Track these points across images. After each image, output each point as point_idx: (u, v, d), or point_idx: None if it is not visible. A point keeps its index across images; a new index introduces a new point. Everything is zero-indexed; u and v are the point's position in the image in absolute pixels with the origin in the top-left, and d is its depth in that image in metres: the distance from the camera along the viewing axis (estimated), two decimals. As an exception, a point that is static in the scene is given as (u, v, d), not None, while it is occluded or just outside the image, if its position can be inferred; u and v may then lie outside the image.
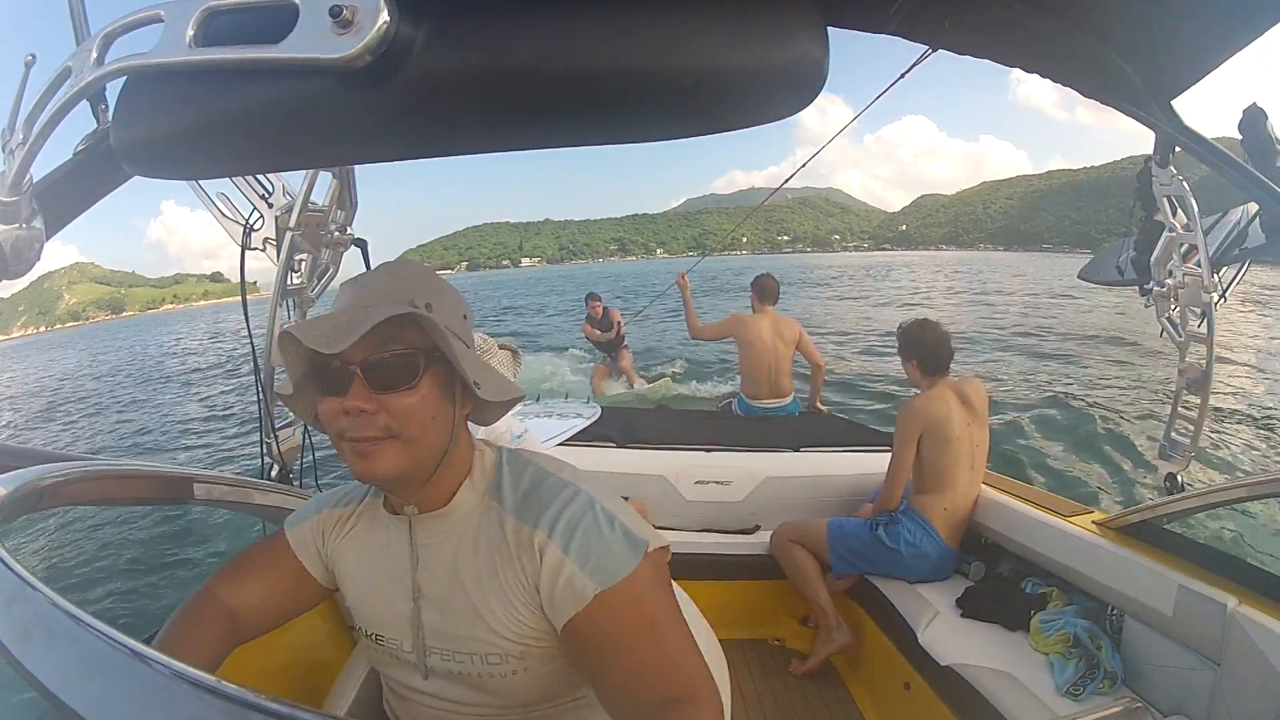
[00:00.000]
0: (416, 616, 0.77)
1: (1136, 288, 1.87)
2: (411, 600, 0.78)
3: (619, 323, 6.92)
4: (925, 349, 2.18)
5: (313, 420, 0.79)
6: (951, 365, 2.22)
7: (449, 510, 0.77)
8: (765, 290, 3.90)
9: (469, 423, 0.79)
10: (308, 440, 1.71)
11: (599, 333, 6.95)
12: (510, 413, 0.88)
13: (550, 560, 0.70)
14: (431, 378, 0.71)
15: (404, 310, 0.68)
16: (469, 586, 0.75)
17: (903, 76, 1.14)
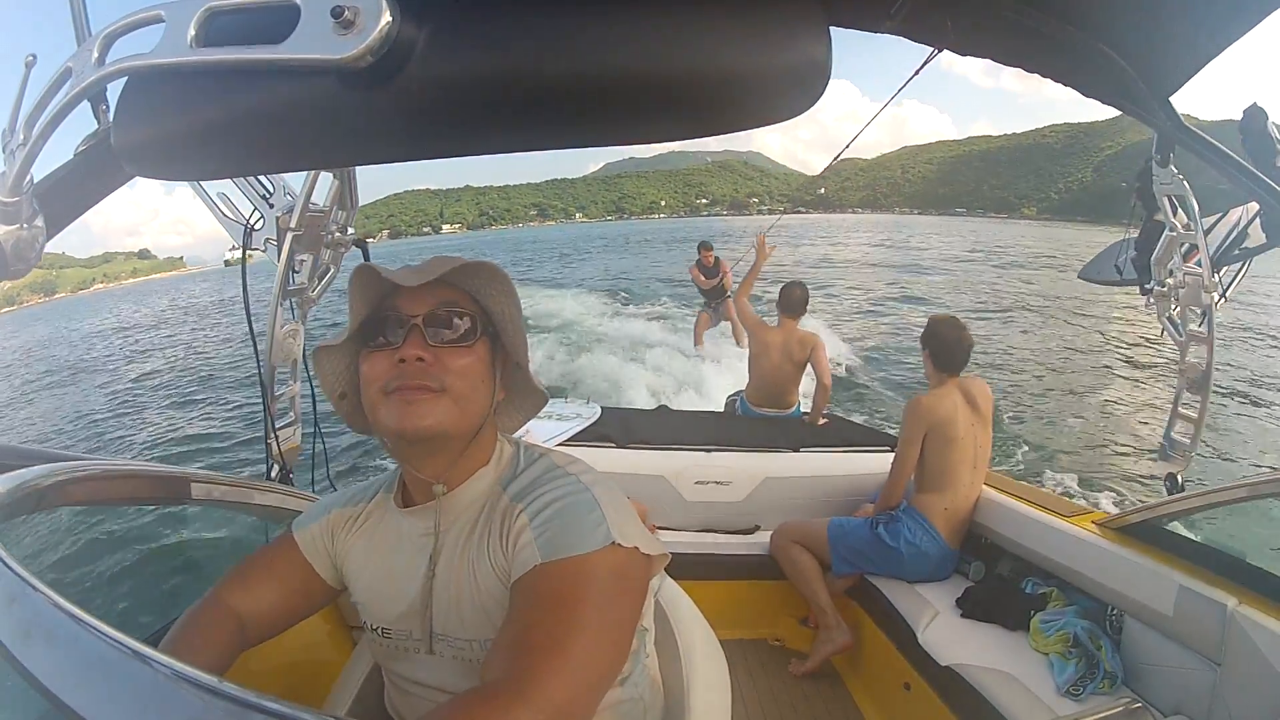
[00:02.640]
0: (427, 600, 0.78)
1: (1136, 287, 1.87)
2: (425, 586, 0.78)
3: (726, 273, 7.22)
4: (942, 343, 2.18)
5: (335, 402, 0.81)
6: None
7: (462, 493, 0.78)
8: (788, 302, 3.55)
9: None
10: (320, 441, 1.71)
11: (704, 278, 7.29)
12: None
13: (516, 530, 0.72)
14: (483, 345, 0.75)
15: (482, 261, 0.73)
16: (470, 571, 0.76)
17: (916, 74, 1.13)
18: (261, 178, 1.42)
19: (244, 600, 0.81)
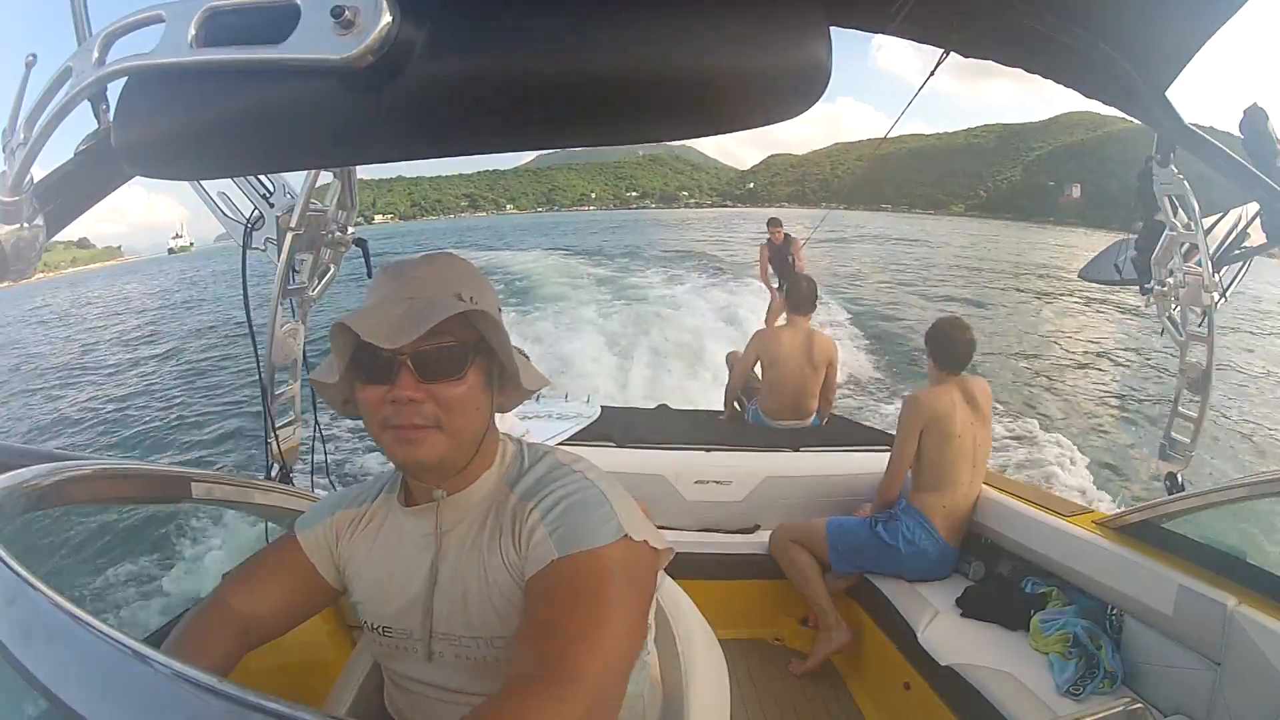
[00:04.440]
0: (428, 601, 0.78)
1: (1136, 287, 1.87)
2: (427, 585, 0.78)
3: (798, 251, 6.54)
4: (944, 342, 2.20)
5: (340, 408, 0.81)
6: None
7: (468, 495, 0.79)
8: (798, 298, 3.13)
9: None
10: (320, 437, 1.71)
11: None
12: (512, 412, 0.88)
13: (529, 528, 0.72)
14: (476, 369, 0.73)
15: (462, 308, 0.69)
16: (479, 569, 0.76)
17: (931, 74, 1.14)
18: (262, 177, 1.42)
19: (247, 602, 0.81)
